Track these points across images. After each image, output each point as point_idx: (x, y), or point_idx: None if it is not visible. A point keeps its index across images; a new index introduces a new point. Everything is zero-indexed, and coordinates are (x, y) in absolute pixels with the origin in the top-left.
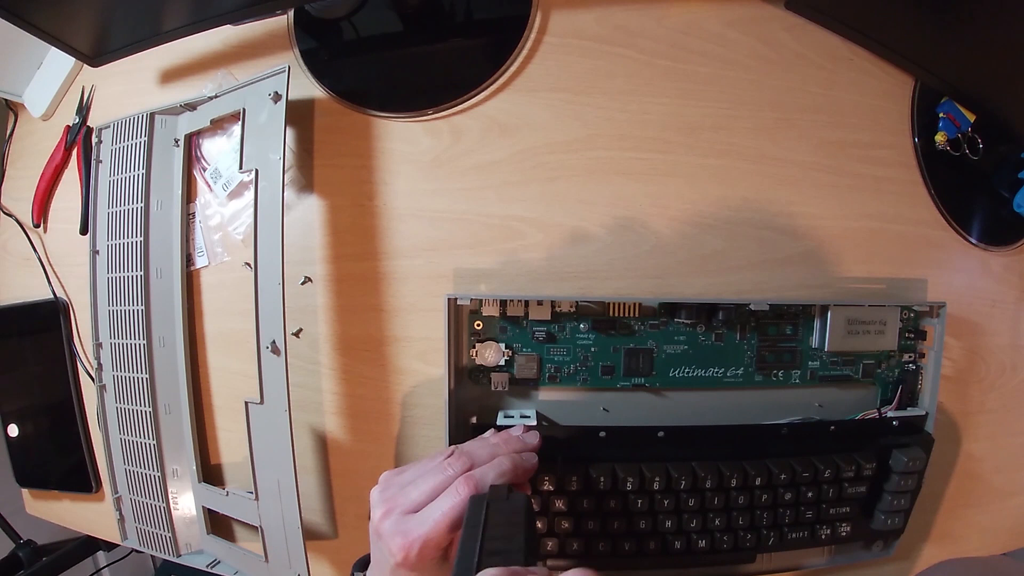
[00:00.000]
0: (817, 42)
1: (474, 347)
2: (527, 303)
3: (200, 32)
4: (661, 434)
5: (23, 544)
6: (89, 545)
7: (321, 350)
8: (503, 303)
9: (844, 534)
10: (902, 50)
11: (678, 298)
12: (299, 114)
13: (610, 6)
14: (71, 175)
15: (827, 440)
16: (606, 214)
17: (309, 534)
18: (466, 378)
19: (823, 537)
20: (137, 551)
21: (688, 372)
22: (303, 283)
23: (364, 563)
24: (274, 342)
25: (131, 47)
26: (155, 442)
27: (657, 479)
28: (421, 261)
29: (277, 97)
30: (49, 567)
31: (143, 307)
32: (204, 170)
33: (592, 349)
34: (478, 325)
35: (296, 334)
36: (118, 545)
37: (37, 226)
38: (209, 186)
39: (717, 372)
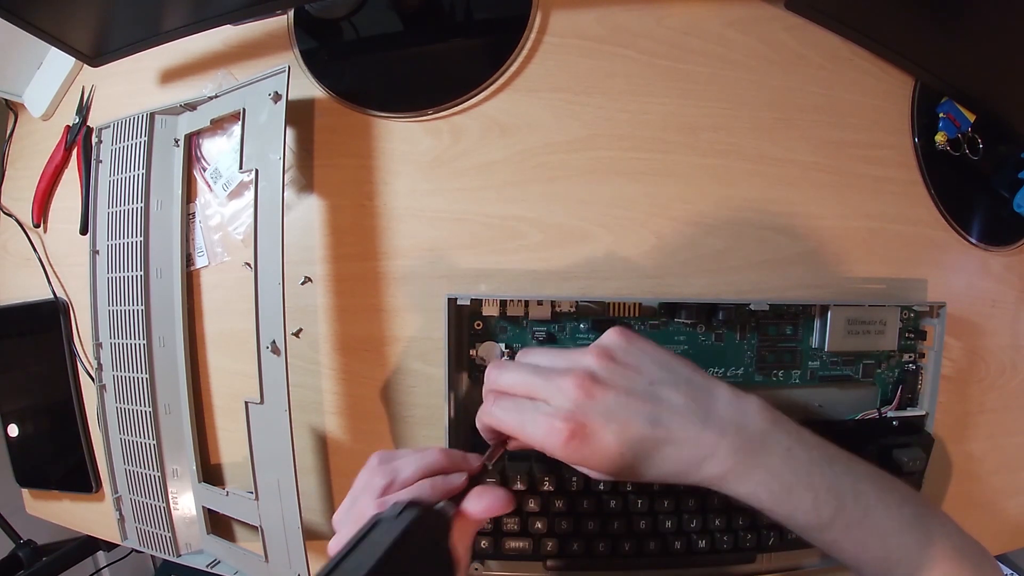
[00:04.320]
0: (817, 42)
1: (474, 347)
2: (527, 303)
3: (200, 32)
4: None
5: (23, 544)
6: (89, 545)
7: (321, 350)
8: (503, 303)
9: None
10: (902, 50)
11: (678, 298)
12: (299, 114)
13: (610, 6)
14: (71, 175)
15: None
16: (606, 214)
17: (309, 534)
18: (466, 378)
19: None
20: (137, 551)
21: None
22: (303, 283)
23: None
24: (274, 342)
25: (131, 47)
26: (155, 442)
27: None
28: (421, 261)
29: (277, 97)
30: (49, 567)
31: (143, 307)
32: (204, 170)
33: None
34: (478, 325)
35: (296, 334)
36: (118, 545)
37: (37, 226)
38: (209, 186)
39: (717, 372)
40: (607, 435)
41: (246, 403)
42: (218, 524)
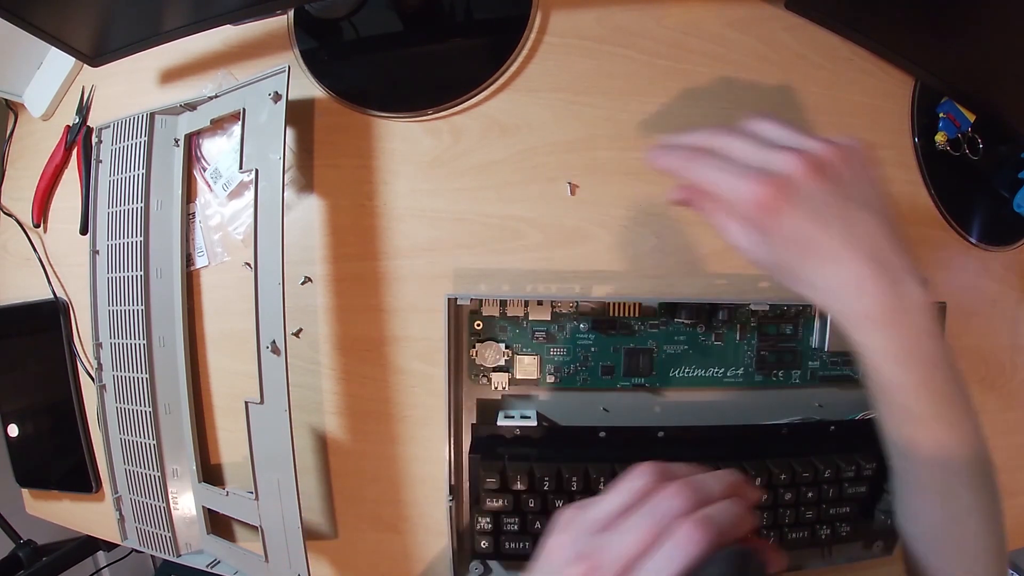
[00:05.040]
0: (817, 42)
1: (474, 347)
2: (527, 303)
3: (200, 32)
4: (661, 434)
5: (23, 544)
6: (89, 545)
7: (321, 350)
8: (503, 303)
9: (844, 534)
10: (902, 50)
11: (678, 298)
12: (299, 114)
13: (610, 6)
14: (71, 175)
15: (827, 440)
16: (606, 214)
17: (309, 534)
18: (466, 378)
19: (823, 537)
20: (137, 551)
21: (688, 372)
22: (303, 283)
23: None
24: (274, 342)
25: (131, 47)
26: (155, 442)
27: None
28: (421, 261)
29: (277, 97)
30: (49, 567)
31: (143, 307)
32: (204, 170)
33: (592, 349)
34: (478, 325)
35: (296, 334)
36: (118, 545)
37: (37, 226)
38: (209, 186)
39: (717, 372)
40: (799, 219)
41: (246, 403)
42: (218, 524)
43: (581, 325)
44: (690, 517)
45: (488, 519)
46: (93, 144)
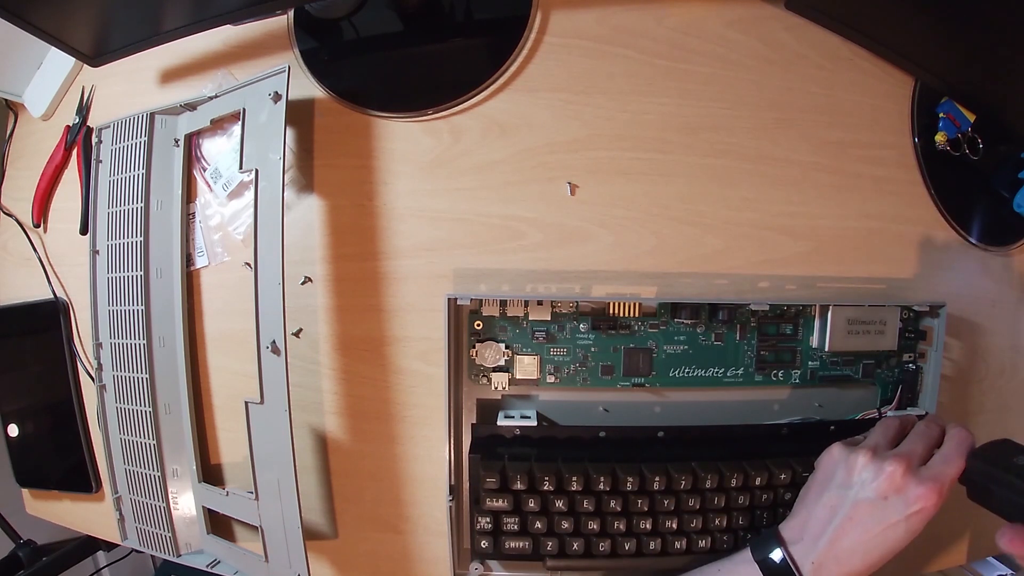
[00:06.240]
0: (817, 42)
1: (474, 347)
2: (527, 303)
3: (200, 32)
4: (661, 434)
5: (23, 544)
6: (89, 545)
7: (321, 350)
8: (503, 303)
9: None
10: (902, 50)
11: (678, 298)
12: (299, 114)
13: (610, 6)
14: (71, 175)
15: (827, 440)
16: (606, 214)
17: (309, 534)
18: (466, 378)
19: None
20: (137, 551)
21: (688, 372)
22: (303, 283)
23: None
24: (274, 342)
25: (131, 47)
26: (155, 442)
27: (657, 479)
28: (421, 261)
29: (277, 97)
30: (49, 567)
31: (143, 307)
32: (204, 170)
33: (592, 349)
34: (478, 325)
35: (296, 334)
36: (118, 545)
37: (37, 226)
38: (209, 186)
39: (717, 372)
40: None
41: (246, 403)
42: (218, 524)
43: (581, 325)
44: (955, 427)
45: (488, 519)
46: (93, 144)
